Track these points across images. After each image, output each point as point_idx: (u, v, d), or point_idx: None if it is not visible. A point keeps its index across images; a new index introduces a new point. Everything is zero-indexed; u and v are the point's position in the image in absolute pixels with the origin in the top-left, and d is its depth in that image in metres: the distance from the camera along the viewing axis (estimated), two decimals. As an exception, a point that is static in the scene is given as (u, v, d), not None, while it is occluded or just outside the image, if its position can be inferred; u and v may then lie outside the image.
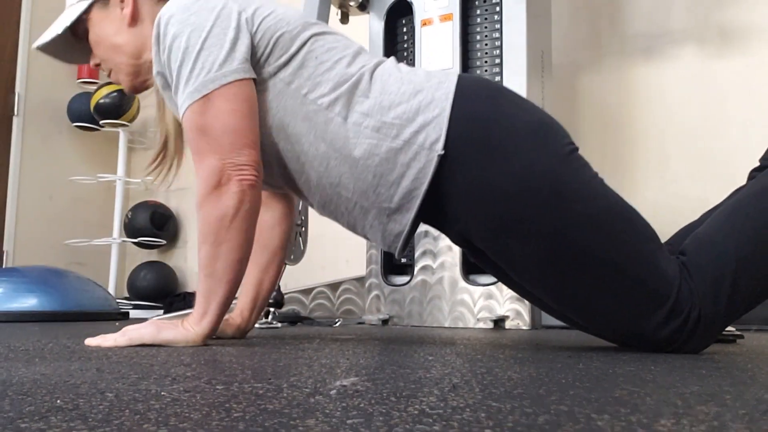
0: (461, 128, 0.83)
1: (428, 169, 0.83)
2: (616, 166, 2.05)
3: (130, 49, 0.96)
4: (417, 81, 0.87)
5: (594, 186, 0.84)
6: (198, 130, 0.84)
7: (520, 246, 0.83)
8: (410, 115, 0.84)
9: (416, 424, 0.34)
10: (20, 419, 0.35)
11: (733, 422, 0.36)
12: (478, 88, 0.88)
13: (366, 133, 0.84)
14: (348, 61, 0.88)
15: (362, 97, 0.86)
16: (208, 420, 0.35)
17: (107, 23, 0.97)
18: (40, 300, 1.78)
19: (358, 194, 0.87)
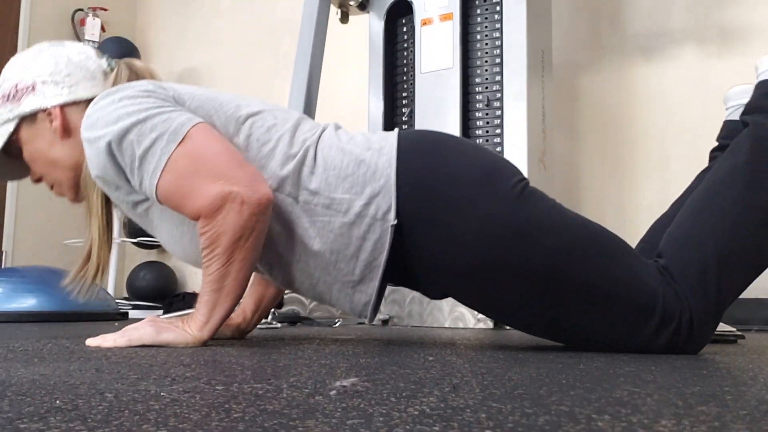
0: (410, 193, 0.83)
1: (385, 239, 0.83)
2: (616, 166, 2.05)
3: (69, 161, 0.92)
4: (357, 152, 0.86)
5: (555, 216, 0.83)
6: (186, 177, 0.80)
7: (492, 295, 0.84)
8: (358, 188, 0.84)
9: (416, 425, 0.34)
10: (19, 420, 0.35)
11: (734, 423, 0.36)
12: (418, 147, 0.87)
13: (317, 211, 0.84)
14: (289, 138, 0.87)
15: (309, 174, 0.85)
16: (208, 420, 0.35)
17: (39, 140, 0.92)
18: (39, 300, 1.78)
19: (319, 271, 0.86)
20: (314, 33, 1.74)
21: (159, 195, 0.82)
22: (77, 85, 0.92)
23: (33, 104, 0.91)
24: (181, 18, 3.19)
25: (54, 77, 0.91)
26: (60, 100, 0.91)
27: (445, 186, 0.83)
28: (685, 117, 1.98)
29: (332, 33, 1.87)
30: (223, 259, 0.80)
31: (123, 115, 0.81)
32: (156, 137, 0.80)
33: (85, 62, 0.93)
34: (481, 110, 1.71)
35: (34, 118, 0.92)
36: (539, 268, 0.80)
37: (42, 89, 0.91)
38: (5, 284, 1.80)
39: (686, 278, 0.81)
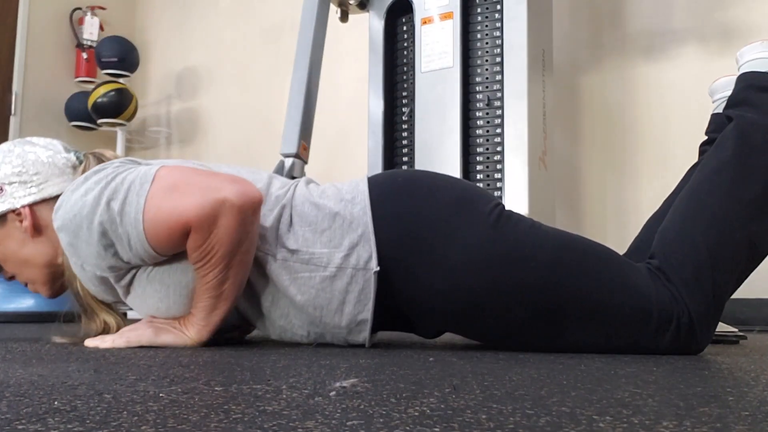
0: (388, 237, 0.83)
1: (369, 289, 0.83)
2: (617, 166, 2.05)
3: (42, 259, 0.92)
4: (330, 205, 0.86)
5: (534, 237, 0.83)
6: (167, 201, 0.78)
7: (491, 324, 0.84)
8: (336, 240, 0.84)
9: (416, 426, 0.34)
10: (18, 421, 0.35)
11: (736, 424, 0.36)
12: (390, 191, 0.87)
13: (296, 267, 0.84)
14: (263, 196, 0.86)
15: (286, 233, 0.85)
16: (207, 421, 0.35)
17: (9, 240, 0.92)
18: (37, 300, 1.77)
19: (308, 324, 0.87)
20: (314, 32, 1.74)
21: (148, 237, 0.78)
22: (46, 183, 0.91)
23: (2, 206, 0.90)
24: (180, 17, 3.19)
25: (21, 177, 0.90)
26: (29, 200, 0.90)
27: (422, 226, 0.83)
28: (685, 116, 1.97)
29: (332, 32, 1.86)
30: (221, 266, 0.80)
31: (90, 188, 0.80)
32: (128, 187, 0.79)
33: (53, 158, 0.92)
34: (481, 110, 1.71)
35: (3, 219, 0.91)
36: (528, 291, 0.80)
37: (10, 190, 0.90)
38: (4, 284, 1.79)
39: (681, 278, 0.80)
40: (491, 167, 1.63)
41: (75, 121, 2.82)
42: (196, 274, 0.82)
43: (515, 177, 1.57)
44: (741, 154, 0.85)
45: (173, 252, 0.82)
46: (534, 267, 0.80)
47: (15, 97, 2.76)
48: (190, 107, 3.05)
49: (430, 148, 1.70)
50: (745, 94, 0.91)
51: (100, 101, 2.69)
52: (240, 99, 2.90)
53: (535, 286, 0.80)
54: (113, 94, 2.69)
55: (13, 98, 2.76)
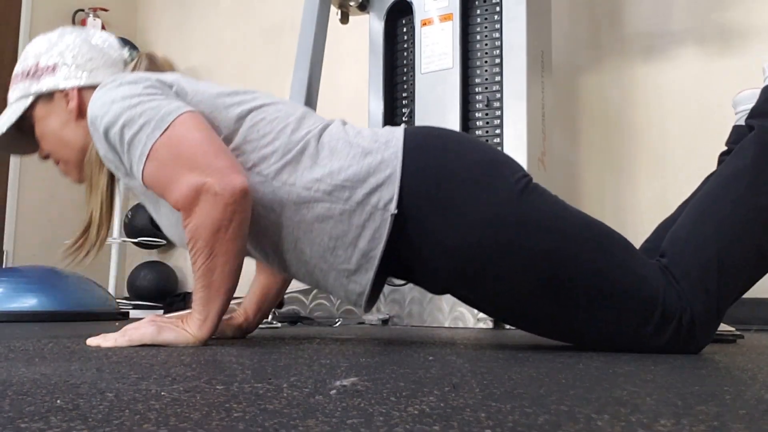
0: (413, 186, 0.83)
1: (383, 229, 0.83)
2: (616, 166, 2.05)
3: (79, 142, 0.93)
4: (364, 144, 0.87)
5: (556, 212, 0.83)
6: (167, 165, 0.81)
7: (494, 291, 0.84)
8: (361, 176, 0.84)
9: (416, 424, 0.34)
10: (20, 419, 0.35)
11: (733, 422, 0.36)
12: (425, 141, 0.88)
13: (317, 197, 0.84)
14: (292, 128, 0.88)
15: (310, 162, 0.86)
16: (208, 420, 0.35)
17: (53, 118, 0.94)
18: (40, 300, 1.78)
19: (316, 258, 0.87)
20: (314, 33, 1.74)
21: (144, 182, 0.83)
22: (97, 70, 0.93)
23: (52, 84, 0.93)
24: (181, 18, 3.19)
25: (76, 60, 0.93)
26: (78, 83, 0.93)
27: (449, 181, 0.83)
28: (684, 117, 1.98)
29: (332, 33, 1.86)
30: (206, 253, 0.81)
31: (117, 99, 0.83)
32: (143, 123, 0.82)
33: (107, 49, 0.96)
34: (480, 110, 1.71)
35: (50, 97, 0.94)
36: (540, 263, 0.80)
37: (62, 70, 0.93)
38: (6, 284, 1.80)
39: (688, 278, 0.81)
40: (491, 168, 1.63)
41: (76, 121, 2.83)
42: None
43: (515, 177, 1.57)
44: (759, 163, 0.85)
45: None
46: (550, 238, 0.81)
47: (16, 98, 2.76)
48: (190, 108, 3.05)
49: (430, 148, 1.70)
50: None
51: (101, 102, 2.69)
52: (241, 99, 2.89)
53: (548, 257, 0.80)
54: (114, 95, 2.69)
55: (15, 99, 2.76)
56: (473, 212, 0.81)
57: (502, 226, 0.81)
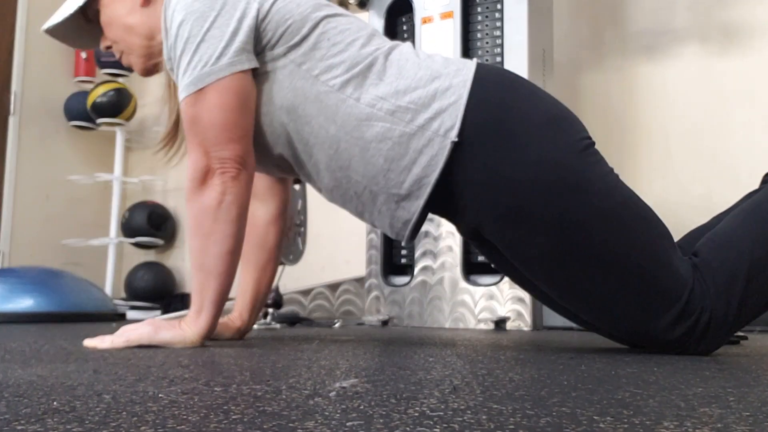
0: (477, 116, 0.82)
1: (441, 156, 0.82)
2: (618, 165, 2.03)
3: (143, 30, 0.95)
4: (435, 67, 0.86)
5: (608, 181, 0.83)
6: (189, 122, 0.85)
7: (531, 238, 0.82)
8: (426, 100, 0.83)
9: (416, 427, 0.34)
10: (16, 421, 0.34)
11: (737, 424, 0.36)
12: (496, 77, 0.87)
13: (379, 115, 0.84)
14: (362, 43, 0.87)
15: (376, 79, 0.85)
16: (207, 422, 0.35)
17: (119, 4, 0.96)
18: (36, 301, 1.77)
19: (368, 178, 0.86)
20: (313, 32, 1.74)
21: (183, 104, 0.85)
22: None
23: None
24: (179, 17, 3.18)
25: None
26: None
27: (514, 120, 0.83)
28: (687, 116, 1.97)
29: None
30: (198, 233, 0.83)
31: (190, 16, 0.84)
32: (190, 64, 0.84)
33: None
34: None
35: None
36: (579, 225, 0.80)
37: None
38: (2, 285, 1.79)
39: (715, 280, 0.81)
40: (491, 167, 1.63)
41: (74, 120, 2.82)
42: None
43: (515, 177, 1.57)
44: None
45: None
46: (593, 207, 0.80)
47: (14, 97, 2.75)
48: (189, 107, 3.05)
49: (429, 148, 1.70)
50: None
51: (99, 101, 2.68)
52: (239, 99, 2.89)
53: (584, 224, 0.80)
54: (112, 94, 2.68)
55: (12, 98, 2.75)
56: (532, 153, 0.81)
57: (556, 174, 0.80)
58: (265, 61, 0.87)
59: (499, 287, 1.61)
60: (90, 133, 2.90)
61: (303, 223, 1.57)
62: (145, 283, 2.76)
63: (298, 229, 1.54)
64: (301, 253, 1.56)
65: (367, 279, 1.82)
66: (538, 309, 1.60)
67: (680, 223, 1.01)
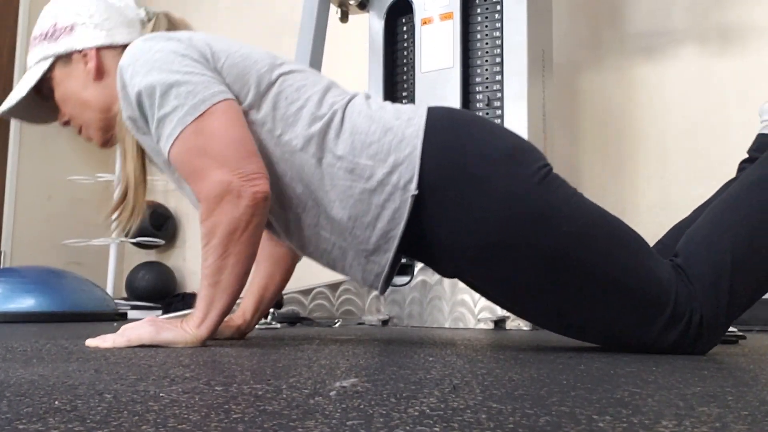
0: (434, 165, 0.83)
1: (403, 209, 0.83)
2: (616, 166, 2.05)
3: (99, 104, 0.94)
4: (386, 118, 0.86)
5: (574, 204, 0.83)
6: (195, 154, 0.82)
7: (508, 274, 0.83)
8: (382, 155, 0.84)
9: (416, 426, 0.34)
10: (18, 420, 0.35)
11: (736, 423, 0.36)
12: (448, 121, 0.87)
13: (339, 174, 0.84)
14: (318, 99, 0.87)
15: (335, 137, 0.85)
16: (207, 421, 0.35)
17: (72, 80, 0.94)
18: (37, 300, 1.77)
19: (335, 235, 0.87)
20: (314, 32, 1.74)
21: (171, 161, 0.84)
22: (114, 30, 0.94)
23: (70, 44, 0.93)
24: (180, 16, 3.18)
25: (93, 19, 0.93)
26: (97, 43, 0.93)
27: (470, 162, 0.83)
28: (685, 117, 1.98)
29: (332, 32, 1.86)
30: (219, 251, 0.81)
31: (155, 69, 0.83)
32: (177, 105, 0.81)
33: (123, 9, 0.96)
34: (481, 110, 1.71)
35: (69, 59, 0.94)
36: (554, 252, 0.80)
37: (80, 30, 0.93)
38: (4, 284, 1.79)
39: (700, 279, 0.81)
40: (491, 167, 1.63)
41: (75, 121, 2.82)
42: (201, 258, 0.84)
43: (515, 177, 1.57)
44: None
45: None
46: (565, 230, 0.80)
47: (15, 98, 2.76)
48: (190, 107, 3.05)
49: (430, 148, 1.70)
50: None
51: (100, 101, 2.69)
52: (240, 99, 2.89)
53: (557, 251, 0.80)
54: (113, 95, 2.68)
55: (13, 98, 2.75)
56: (494, 192, 0.81)
57: (521, 208, 0.81)
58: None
59: (499, 287, 1.61)
60: (91, 133, 2.90)
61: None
62: (146, 283, 2.76)
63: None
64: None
65: (368, 279, 1.82)
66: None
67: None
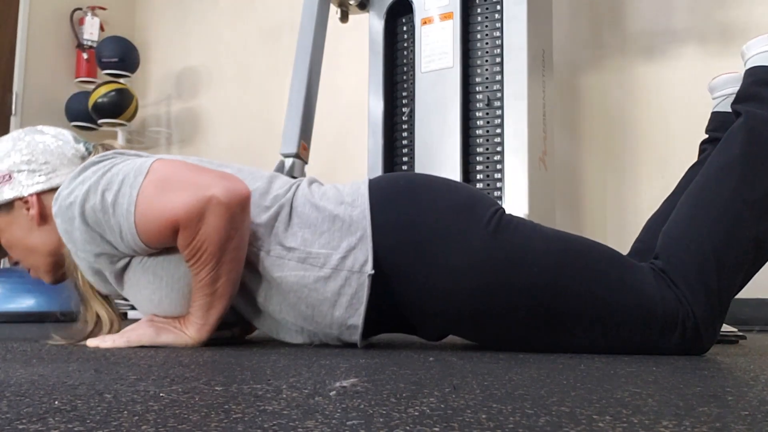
0: (386, 243, 0.83)
1: (361, 293, 0.82)
2: (617, 166, 2.05)
3: (46, 248, 0.92)
4: (330, 207, 0.86)
5: (537, 241, 0.82)
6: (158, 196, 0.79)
7: (494, 327, 0.83)
8: (335, 243, 0.84)
9: (416, 426, 0.34)
10: (18, 420, 0.35)
11: (736, 423, 0.36)
12: (391, 192, 0.87)
13: (291, 265, 0.84)
14: (260, 194, 0.87)
15: (284, 231, 0.85)
16: (207, 421, 0.35)
17: (16, 227, 0.92)
18: (38, 300, 1.77)
19: (301, 320, 0.87)
20: (314, 32, 1.74)
21: (138, 230, 0.79)
22: (54, 172, 0.92)
23: (10, 193, 0.91)
24: (180, 17, 3.19)
25: (31, 165, 0.91)
26: (37, 188, 0.91)
27: (421, 231, 0.83)
28: (685, 117, 1.97)
29: (332, 32, 1.86)
30: (212, 264, 0.80)
31: (88, 176, 0.81)
32: (122, 179, 0.80)
33: (62, 148, 0.94)
34: (481, 110, 1.71)
35: (10, 206, 0.92)
36: (529, 295, 0.80)
37: (18, 178, 0.91)
38: (4, 284, 1.80)
39: (685, 280, 0.80)
40: (491, 167, 1.63)
41: (75, 121, 2.82)
42: (191, 272, 0.82)
43: (515, 177, 1.57)
44: (749, 152, 0.83)
45: (164, 246, 0.82)
46: (535, 272, 0.80)
47: (15, 97, 2.76)
48: (190, 107, 3.05)
49: (430, 148, 1.70)
50: (755, 90, 0.89)
51: (100, 101, 2.69)
52: (240, 99, 2.90)
53: (536, 290, 0.80)
54: (113, 95, 2.69)
55: (14, 98, 2.76)
56: (451, 259, 0.81)
57: (483, 269, 0.80)
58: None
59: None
60: (91, 133, 2.91)
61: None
62: (146, 283, 2.76)
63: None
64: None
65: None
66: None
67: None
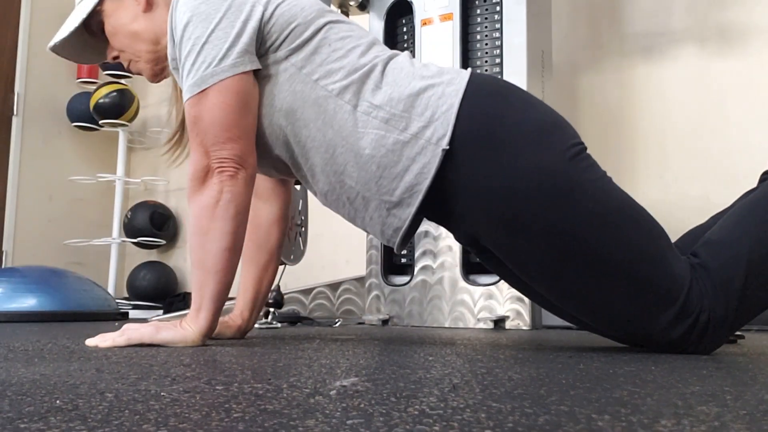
0: (468, 125, 0.83)
1: (432, 164, 0.83)
2: (616, 166, 2.05)
3: (149, 35, 0.96)
4: (429, 76, 0.87)
5: (601, 185, 0.84)
6: (192, 122, 0.86)
7: (526, 245, 0.83)
8: (420, 109, 0.84)
9: (416, 425, 0.34)
10: (19, 419, 0.35)
11: (734, 423, 0.36)
12: (489, 87, 0.88)
13: (374, 123, 0.85)
14: (362, 51, 0.89)
15: (373, 87, 0.86)
16: (208, 420, 0.35)
17: (122, 12, 0.97)
18: (39, 300, 1.78)
19: (360, 184, 0.87)
20: (314, 33, 1.74)
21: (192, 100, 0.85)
22: None
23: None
24: (181, 18, 3.19)
25: None
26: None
27: (504, 126, 0.84)
28: (684, 117, 1.97)
29: (332, 33, 1.86)
30: (196, 230, 0.84)
31: (197, 16, 0.84)
32: (201, 62, 0.84)
33: None
34: (481, 110, 1.71)
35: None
36: (574, 229, 0.80)
37: None
38: (5, 284, 1.80)
39: (713, 280, 0.81)
40: (491, 168, 1.63)
41: (77, 121, 2.83)
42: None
43: (515, 177, 1.57)
44: None
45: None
46: (586, 212, 0.81)
47: (17, 98, 2.76)
48: (190, 108, 3.05)
49: (430, 148, 1.70)
50: None
51: (101, 102, 2.69)
52: (240, 99, 2.89)
53: (577, 228, 0.80)
54: (115, 95, 2.69)
55: (15, 99, 2.76)
56: (522, 161, 0.81)
57: (548, 181, 0.81)
58: (268, 63, 0.88)
59: (498, 287, 1.61)
60: (92, 133, 2.91)
61: (304, 223, 1.58)
62: (147, 283, 2.76)
63: (298, 229, 1.54)
64: (302, 253, 1.56)
65: (368, 278, 1.82)
66: (537, 308, 1.60)
67: (677, 223, 1.02)
